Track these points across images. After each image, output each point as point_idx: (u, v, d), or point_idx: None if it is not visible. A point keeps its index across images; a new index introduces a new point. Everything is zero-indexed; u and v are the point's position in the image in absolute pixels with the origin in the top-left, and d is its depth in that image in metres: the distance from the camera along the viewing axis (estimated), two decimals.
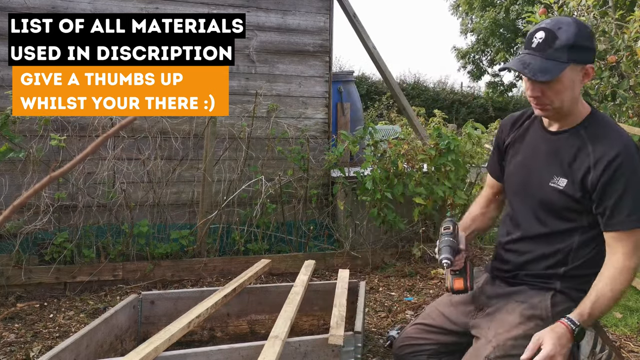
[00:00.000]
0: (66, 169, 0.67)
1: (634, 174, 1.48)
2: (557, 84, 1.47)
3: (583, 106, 1.59)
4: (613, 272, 1.48)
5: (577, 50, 1.45)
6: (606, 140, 1.51)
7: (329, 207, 4.07)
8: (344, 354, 1.80)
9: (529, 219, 1.66)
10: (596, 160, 1.50)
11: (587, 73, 1.50)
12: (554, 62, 1.45)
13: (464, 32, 23.08)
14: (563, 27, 1.47)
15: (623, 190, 1.47)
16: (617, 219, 1.49)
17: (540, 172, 1.62)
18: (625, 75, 4.44)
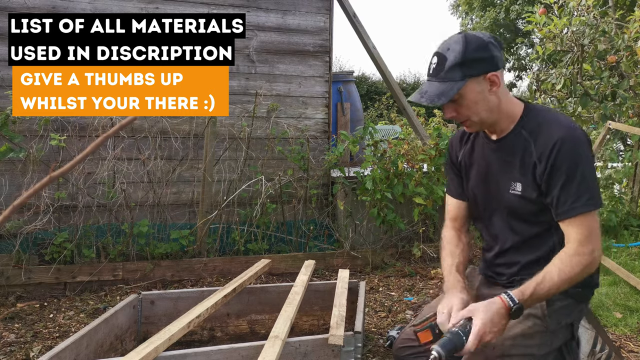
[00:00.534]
0: (66, 169, 0.67)
1: (576, 159, 1.45)
2: (463, 100, 1.49)
3: (514, 107, 1.58)
4: (563, 256, 1.44)
5: (469, 65, 1.46)
6: (546, 132, 1.50)
7: (329, 207, 4.07)
8: (344, 354, 1.80)
9: (503, 231, 1.65)
10: (539, 154, 1.50)
11: (492, 81, 1.49)
12: (449, 83, 1.47)
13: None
14: (451, 47, 1.48)
15: (566, 176, 1.45)
16: (563, 207, 1.47)
17: (498, 182, 1.62)
18: (625, 75, 4.44)
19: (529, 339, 1.54)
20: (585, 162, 1.46)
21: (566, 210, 1.46)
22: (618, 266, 3.43)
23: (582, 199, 1.44)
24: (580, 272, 1.43)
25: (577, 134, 1.48)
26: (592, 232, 1.45)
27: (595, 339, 1.86)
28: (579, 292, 1.60)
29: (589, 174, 1.46)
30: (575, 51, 4.48)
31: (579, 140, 1.47)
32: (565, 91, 4.72)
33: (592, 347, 1.84)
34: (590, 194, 1.44)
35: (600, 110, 4.51)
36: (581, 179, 1.44)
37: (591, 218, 1.45)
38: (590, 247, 1.44)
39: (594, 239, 1.45)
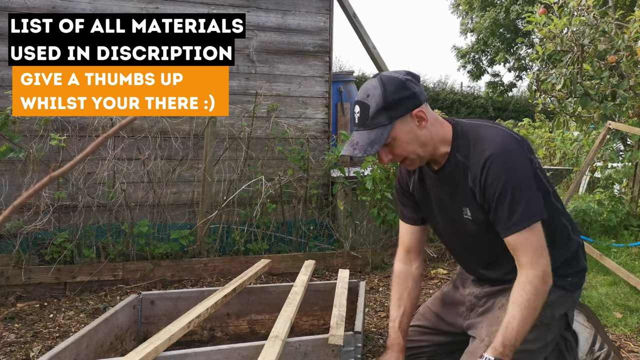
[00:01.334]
0: (66, 169, 0.67)
1: (504, 175, 1.42)
2: (395, 142, 1.48)
3: (445, 132, 1.55)
4: (517, 289, 1.43)
5: (392, 108, 1.45)
6: (477, 151, 1.49)
7: (329, 207, 4.07)
8: (344, 354, 1.80)
9: (476, 254, 1.65)
10: (473, 179, 1.49)
11: (419, 117, 1.48)
12: (378, 130, 1.45)
13: (464, 31, 23.09)
14: (370, 94, 1.47)
15: (497, 196, 1.44)
16: (500, 227, 1.46)
17: (452, 209, 1.61)
18: (625, 75, 4.44)
19: None
20: (515, 176, 1.43)
21: (503, 230, 1.45)
22: (618, 266, 3.43)
23: (514, 217, 1.42)
24: (538, 297, 1.42)
25: (505, 147, 1.45)
26: (535, 249, 1.42)
27: (594, 337, 1.86)
28: (570, 281, 1.60)
29: (520, 188, 1.42)
30: (575, 51, 4.48)
31: (507, 154, 1.44)
32: (565, 91, 4.72)
33: (591, 345, 1.84)
34: (523, 209, 1.41)
35: (600, 110, 4.51)
36: (512, 196, 1.42)
37: (528, 234, 1.43)
38: (540, 264, 1.42)
39: (539, 255, 1.42)
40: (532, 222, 1.42)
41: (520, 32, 19.92)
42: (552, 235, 1.55)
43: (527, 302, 1.41)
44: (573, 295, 1.63)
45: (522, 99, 17.09)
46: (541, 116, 9.03)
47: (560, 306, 1.60)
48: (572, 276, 1.61)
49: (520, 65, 21.42)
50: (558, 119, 5.21)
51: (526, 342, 1.53)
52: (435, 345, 1.83)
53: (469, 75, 22.81)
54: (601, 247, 4.04)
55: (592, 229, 4.56)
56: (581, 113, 4.87)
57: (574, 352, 1.79)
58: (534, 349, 1.55)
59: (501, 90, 21.74)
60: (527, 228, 1.42)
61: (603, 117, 4.45)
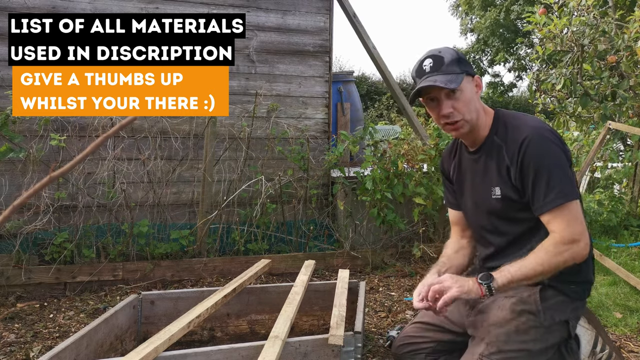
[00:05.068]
0: (66, 169, 0.67)
1: (542, 156, 1.50)
2: (462, 94, 1.58)
3: (487, 114, 1.66)
4: (545, 244, 1.49)
5: (463, 63, 1.59)
6: (514, 134, 1.57)
7: (329, 207, 4.07)
8: (344, 354, 1.80)
9: (493, 235, 1.70)
10: (510, 157, 1.57)
11: (477, 84, 1.62)
12: (452, 75, 1.56)
13: (464, 32, 23.09)
14: (442, 50, 1.61)
15: (534, 174, 1.51)
16: (537, 204, 1.52)
17: (482, 190, 1.68)
18: (625, 75, 4.44)
19: (524, 335, 1.56)
20: (551, 157, 1.50)
21: (540, 207, 1.51)
22: (618, 266, 3.43)
23: (551, 194, 1.48)
24: (563, 260, 1.47)
25: (542, 132, 1.54)
26: (570, 222, 1.48)
27: (596, 339, 1.86)
28: (572, 289, 1.62)
29: (556, 168, 1.49)
30: (575, 51, 4.48)
31: (543, 138, 1.52)
32: (565, 91, 4.72)
33: (593, 347, 1.84)
34: (560, 188, 1.48)
35: (600, 110, 4.51)
36: (548, 174, 1.49)
37: (566, 210, 1.48)
38: (571, 230, 1.47)
39: (574, 227, 1.48)
40: (568, 199, 1.48)
41: (520, 32, 19.92)
42: None
43: (544, 257, 1.47)
44: (574, 304, 1.63)
45: (522, 99, 17.09)
46: (541, 116, 9.02)
47: (561, 311, 1.60)
48: (576, 285, 1.62)
49: (520, 66, 21.41)
50: (558, 119, 5.21)
51: (526, 342, 1.54)
52: (436, 342, 1.84)
53: None
54: (601, 247, 4.04)
55: (592, 229, 4.56)
56: (581, 113, 4.87)
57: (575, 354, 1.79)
58: (534, 349, 1.56)
59: (501, 91, 21.73)
60: (562, 205, 1.48)
61: (603, 117, 4.45)
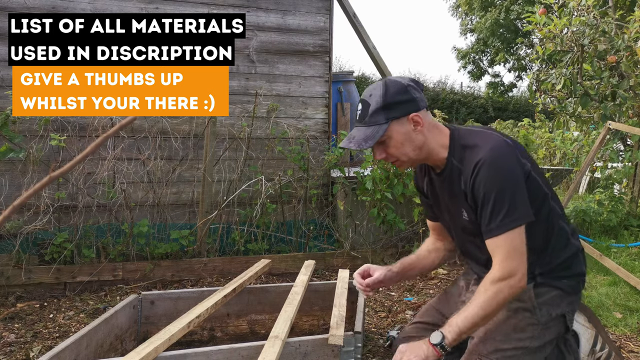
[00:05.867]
0: (66, 169, 0.67)
1: (490, 180, 1.48)
2: (390, 141, 1.56)
3: (443, 138, 1.62)
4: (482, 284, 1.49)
5: (391, 108, 1.54)
6: (470, 157, 1.55)
7: (329, 207, 4.07)
8: (344, 354, 1.80)
9: (475, 251, 1.70)
10: (464, 183, 1.55)
11: (415, 121, 1.56)
12: (374, 127, 1.54)
13: (464, 32, 23.10)
14: (373, 93, 1.56)
15: (482, 200, 1.50)
16: (482, 228, 1.52)
17: (454, 211, 1.68)
18: (625, 75, 4.44)
19: (521, 332, 1.56)
20: (500, 180, 1.47)
21: (484, 233, 1.51)
22: (618, 266, 3.43)
23: (492, 222, 1.47)
24: (503, 297, 1.47)
25: (494, 153, 1.50)
26: (508, 254, 1.47)
27: (596, 338, 1.86)
28: (566, 283, 1.62)
29: (503, 193, 1.47)
30: (575, 51, 4.48)
31: (495, 158, 1.49)
32: (565, 91, 4.72)
33: (592, 346, 1.84)
34: (504, 214, 1.46)
35: (600, 110, 4.51)
36: (493, 201, 1.47)
37: (504, 241, 1.47)
38: (506, 270, 1.46)
39: (510, 260, 1.47)
40: (512, 226, 1.46)
41: (520, 32, 19.92)
42: (548, 238, 1.60)
43: (484, 300, 1.47)
44: (569, 298, 1.64)
45: (522, 99, 17.07)
46: (541, 116, 9.02)
47: (557, 306, 1.61)
48: (569, 279, 1.63)
49: (520, 66, 21.42)
50: (558, 119, 5.21)
51: (524, 340, 1.55)
52: None
53: (469, 76, 22.83)
54: (601, 247, 4.04)
55: (592, 229, 4.56)
56: (581, 113, 4.86)
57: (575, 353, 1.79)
58: (532, 346, 1.57)
59: (501, 91, 21.74)
60: (505, 233, 1.46)
61: (603, 117, 4.45)
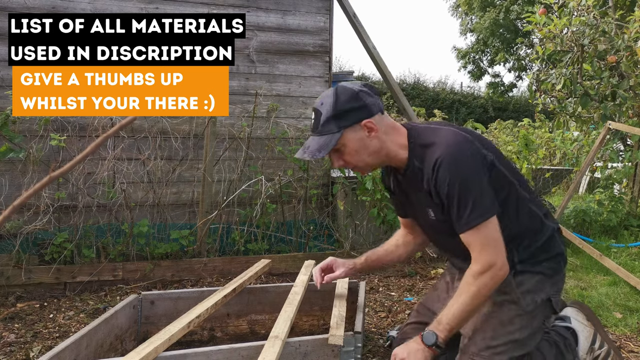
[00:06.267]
0: (66, 169, 0.67)
1: (451, 177, 1.48)
2: (345, 149, 1.57)
3: (400, 136, 1.61)
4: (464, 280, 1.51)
5: (342, 117, 1.53)
6: (428, 156, 1.54)
7: (329, 207, 4.07)
8: (344, 354, 1.80)
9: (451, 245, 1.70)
10: (427, 183, 1.55)
11: (369, 128, 1.55)
12: (327, 136, 1.54)
13: (464, 32, 23.11)
14: (324, 102, 1.55)
15: (447, 197, 1.50)
16: (455, 225, 1.52)
17: (420, 210, 1.69)
18: (625, 75, 4.44)
19: (509, 325, 1.57)
20: (461, 175, 1.47)
21: (457, 229, 1.52)
22: (618, 266, 3.43)
23: (463, 216, 1.48)
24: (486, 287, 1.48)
25: (452, 148, 1.50)
26: (483, 246, 1.48)
27: (594, 336, 1.87)
28: (545, 266, 1.63)
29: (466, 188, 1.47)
30: (575, 51, 4.48)
31: (454, 154, 1.49)
32: (565, 91, 4.72)
33: (591, 344, 1.85)
34: (471, 208, 1.46)
35: (600, 110, 4.51)
36: (458, 197, 1.48)
37: (477, 233, 1.48)
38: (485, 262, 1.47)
39: (487, 251, 1.48)
40: (482, 219, 1.47)
41: (520, 32, 19.92)
42: (520, 224, 1.60)
43: (467, 293, 1.49)
44: (553, 279, 1.64)
45: (522, 99, 17.08)
46: (541, 116, 9.03)
47: (540, 291, 1.61)
48: (548, 261, 1.64)
49: (520, 66, 21.42)
50: (558, 119, 5.21)
51: (513, 332, 1.56)
52: None
53: (469, 76, 22.83)
54: (601, 247, 4.04)
55: (592, 229, 4.56)
56: (581, 113, 4.86)
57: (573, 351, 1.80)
58: (522, 337, 1.57)
59: (502, 91, 21.74)
60: (477, 226, 1.47)
61: (603, 117, 4.45)
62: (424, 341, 1.51)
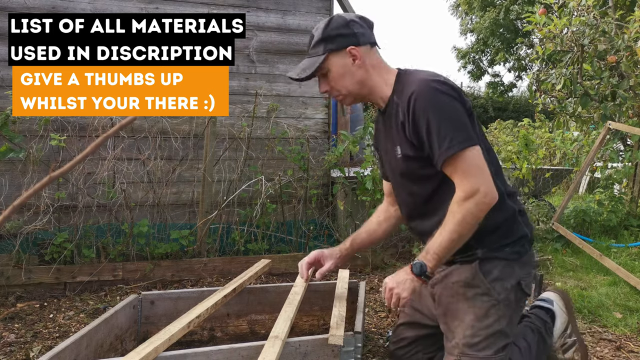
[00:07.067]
0: (66, 169, 0.67)
1: (430, 106, 1.48)
2: (330, 74, 1.60)
3: (389, 75, 1.64)
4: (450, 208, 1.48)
5: (330, 41, 1.58)
6: (405, 90, 1.55)
7: (329, 207, 4.07)
8: (344, 354, 1.80)
9: (406, 198, 1.71)
10: (402, 112, 1.55)
11: (353, 55, 1.59)
12: (314, 58, 1.60)
13: (464, 32, 23.11)
14: (318, 27, 1.62)
15: (426, 125, 1.48)
16: (434, 155, 1.49)
17: (390, 150, 1.68)
18: (625, 75, 4.44)
19: (485, 319, 1.54)
20: (439, 107, 1.47)
21: (437, 159, 1.49)
22: (618, 266, 3.43)
23: (444, 144, 1.46)
24: (471, 214, 1.45)
25: (429, 83, 1.51)
26: (465, 172, 1.46)
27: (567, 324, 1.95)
28: (509, 251, 1.60)
29: (445, 117, 1.46)
30: (575, 51, 4.48)
31: (430, 89, 1.50)
32: (565, 91, 4.72)
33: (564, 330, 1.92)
34: (452, 136, 1.45)
35: (600, 110, 4.51)
36: (438, 125, 1.46)
37: (460, 159, 1.46)
38: (468, 187, 1.45)
39: (470, 177, 1.45)
40: (464, 146, 1.46)
41: (520, 32, 19.91)
42: None
43: (452, 222, 1.46)
44: (518, 263, 1.61)
45: (522, 99, 17.08)
46: (541, 116, 9.03)
47: (509, 276, 1.58)
48: (511, 245, 1.60)
49: (520, 66, 21.42)
50: (558, 119, 5.21)
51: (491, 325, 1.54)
52: (422, 338, 1.85)
53: (469, 76, 22.83)
54: (601, 247, 4.04)
55: (592, 229, 4.56)
56: (581, 113, 4.86)
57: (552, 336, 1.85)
58: (501, 328, 1.55)
59: (501, 91, 21.74)
60: (458, 153, 1.45)
61: (603, 117, 4.45)
62: (413, 271, 1.50)
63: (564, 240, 4.11)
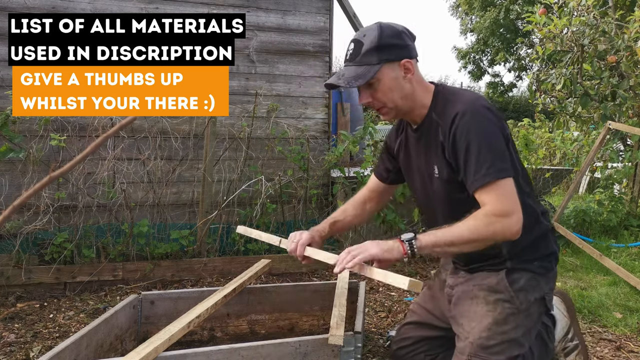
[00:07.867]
0: (66, 169, 0.67)
1: (471, 131, 1.44)
2: (379, 85, 1.52)
3: (428, 92, 1.60)
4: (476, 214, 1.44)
5: (385, 50, 1.50)
6: (448, 110, 1.51)
7: (329, 207, 4.07)
8: (344, 354, 1.80)
9: (443, 218, 1.65)
10: (443, 133, 1.51)
11: (406, 68, 1.53)
12: (366, 67, 1.50)
13: (464, 32, 23.12)
14: (367, 34, 1.53)
15: (465, 149, 1.45)
16: (469, 179, 1.46)
17: (424, 170, 1.64)
18: (625, 75, 4.44)
19: (504, 325, 1.54)
20: (483, 132, 1.45)
21: (471, 183, 1.46)
22: (618, 266, 3.43)
23: (482, 169, 1.43)
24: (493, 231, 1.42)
25: (475, 107, 1.48)
26: (500, 196, 1.42)
27: (569, 328, 1.93)
28: (537, 265, 1.60)
29: (487, 144, 1.44)
30: (575, 51, 4.48)
31: (476, 113, 1.46)
32: (565, 91, 4.72)
33: (565, 334, 1.90)
34: (491, 163, 1.42)
35: (600, 110, 4.51)
36: (478, 150, 1.43)
37: (496, 186, 1.43)
38: (501, 207, 1.42)
39: (505, 201, 1.42)
40: (499, 176, 1.43)
41: (520, 32, 19.92)
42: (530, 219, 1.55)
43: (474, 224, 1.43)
44: (545, 277, 1.62)
45: (522, 99, 17.09)
46: (541, 116, 9.03)
47: (533, 289, 1.59)
48: (540, 260, 1.61)
49: (520, 66, 21.43)
50: (558, 119, 5.21)
51: (508, 332, 1.53)
52: (429, 339, 1.84)
53: (469, 76, 22.85)
54: (601, 247, 4.04)
55: (592, 229, 4.56)
56: (581, 113, 4.87)
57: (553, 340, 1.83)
58: (517, 337, 1.55)
59: (501, 91, 21.74)
60: (495, 181, 1.43)
61: (603, 117, 4.45)
62: (401, 238, 1.47)
63: (564, 240, 4.11)
